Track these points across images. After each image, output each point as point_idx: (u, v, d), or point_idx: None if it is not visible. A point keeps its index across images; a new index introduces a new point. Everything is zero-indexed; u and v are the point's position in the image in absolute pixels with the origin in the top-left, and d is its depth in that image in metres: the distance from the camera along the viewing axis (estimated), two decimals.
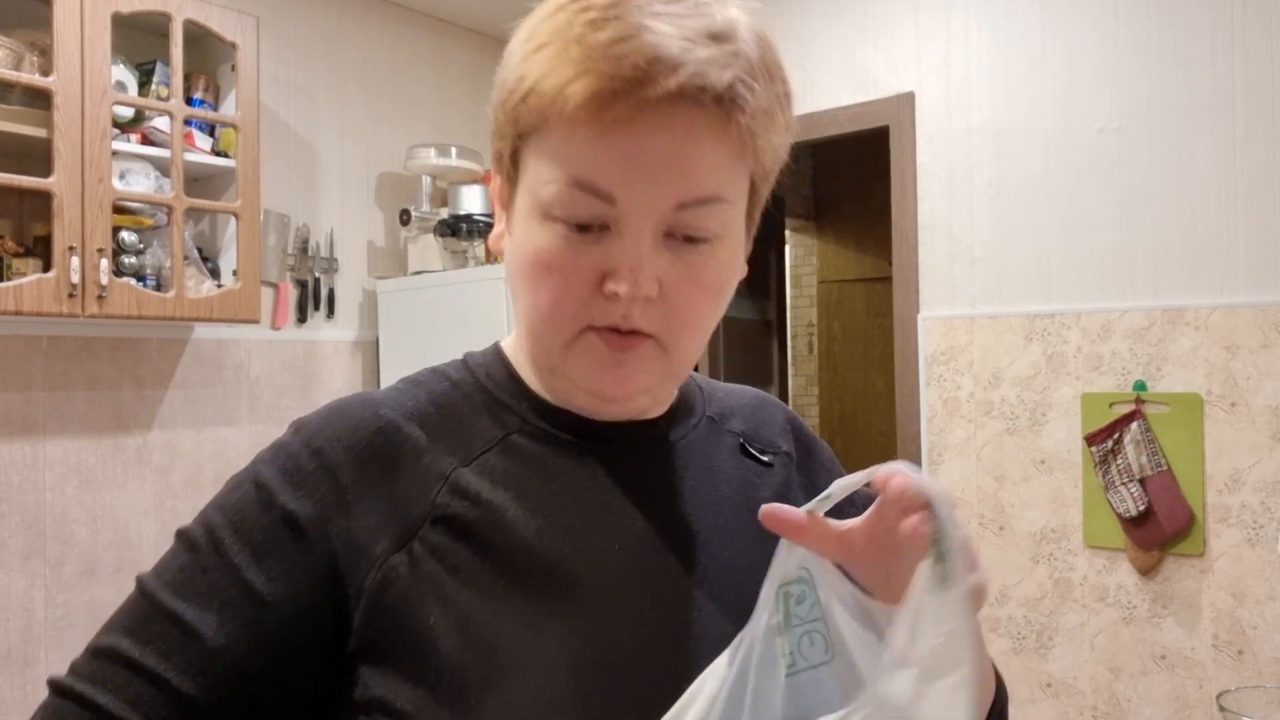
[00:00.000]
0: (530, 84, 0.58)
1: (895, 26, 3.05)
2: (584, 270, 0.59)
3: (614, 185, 0.57)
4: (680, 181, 0.58)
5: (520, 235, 0.62)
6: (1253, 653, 2.44)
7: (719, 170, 0.59)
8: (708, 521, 0.68)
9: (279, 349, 3.15)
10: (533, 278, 0.61)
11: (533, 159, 0.61)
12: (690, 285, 0.61)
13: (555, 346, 0.63)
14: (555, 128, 0.58)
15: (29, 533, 2.58)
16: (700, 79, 0.55)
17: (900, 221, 3.04)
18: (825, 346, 5.64)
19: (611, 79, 0.55)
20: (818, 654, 0.56)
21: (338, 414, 0.66)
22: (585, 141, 0.57)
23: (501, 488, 0.63)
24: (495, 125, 0.63)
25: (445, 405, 0.67)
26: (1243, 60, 2.47)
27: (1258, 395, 2.44)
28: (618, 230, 0.58)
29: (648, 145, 0.57)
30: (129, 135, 2.62)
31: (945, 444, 2.94)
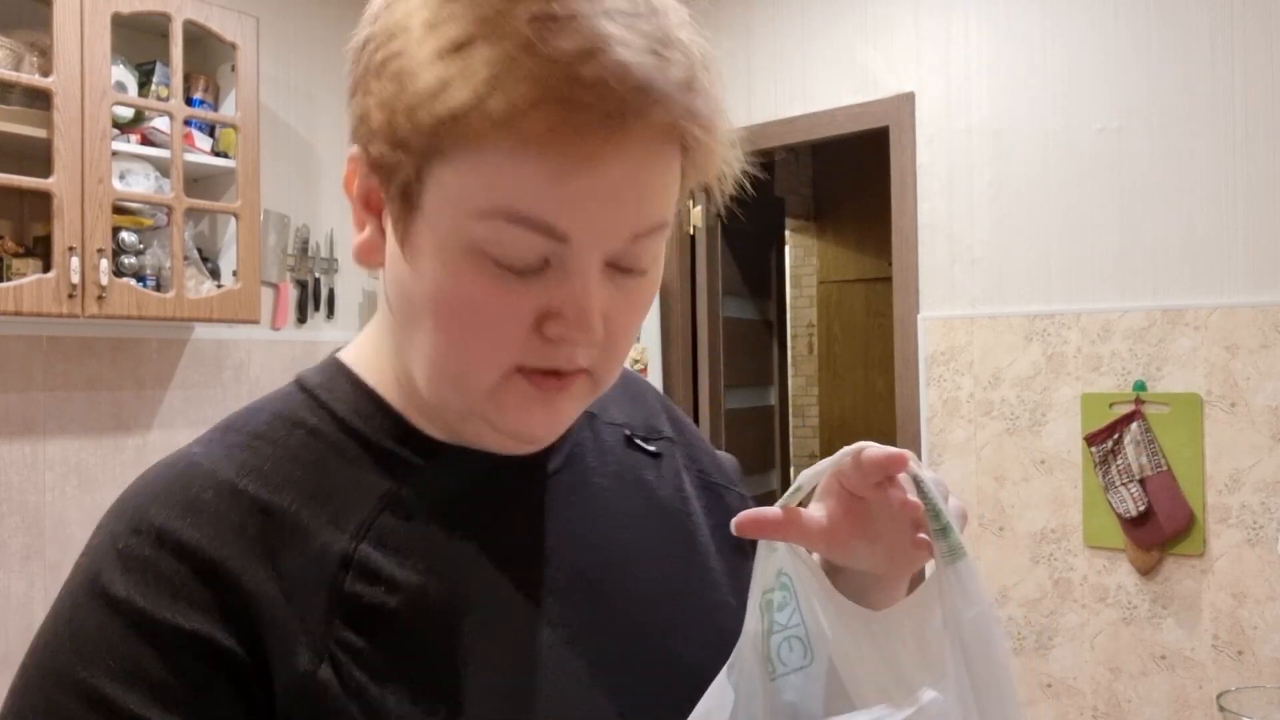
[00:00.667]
0: (464, 98, 0.45)
1: (895, 26, 3.05)
2: (519, 310, 0.50)
3: (569, 222, 0.48)
4: (636, 212, 0.49)
5: (430, 267, 0.50)
6: (1253, 653, 2.44)
7: (669, 194, 0.51)
8: (623, 539, 0.62)
9: (279, 349, 3.15)
10: (451, 318, 0.50)
11: (453, 183, 0.48)
12: (627, 316, 0.53)
13: (476, 391, 0.52)
14: (493, 153, 0.46)
15: (29, 533, 2.58)
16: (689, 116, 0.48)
17: (900, 222, 3.04)
18: (825, 347, 5.64)
19: (588, 110, 0.45)
20: (796, 659, 0.56)
21: (175, 490, 0.52)
22: (536, 175, 0.46)
23: (408, 559, 0.53)
24: (389, 131, 0.49)
25: (311, 462, 0.55)
26: (1243, 60, 2.47)
27: (1258, 395, 2.44)
28: (561, 267, 0.49)
29: (609, 176, 0.47)
30: (129, 136, 2.62)
31: (945, 444, 2.94)
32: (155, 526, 0.50)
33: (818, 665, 0.56)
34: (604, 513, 0.62)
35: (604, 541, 0.61)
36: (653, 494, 0.66)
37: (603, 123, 0.45)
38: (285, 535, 0.51)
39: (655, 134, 0.48)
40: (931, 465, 2.96)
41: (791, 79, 3.25)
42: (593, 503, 0.62)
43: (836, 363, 5.59)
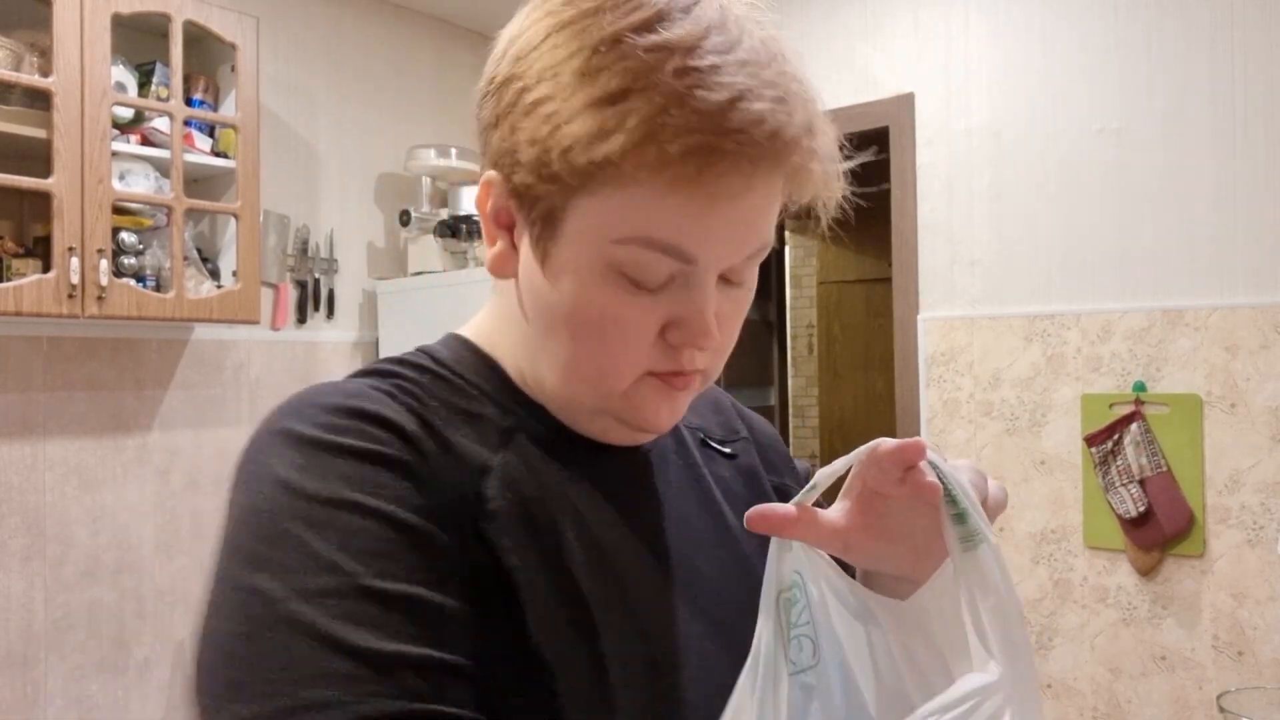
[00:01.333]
0: (620, 146, 0.51)
1: (895, 27, 3.05)
2: (649, 323, 0.57)
3: (700, 249, 0.55)
4: (755, 235, 0.57)
5: (570, 285, 0.57)
6: (1253, 653, 2.44)
7: (773, 215, 0.58)
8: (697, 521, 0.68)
9: (279, 350, 3.15)
10: (589, 331, 0.57)
11: (596, 211, 0.54)
12: (733, 319, 0.61)
13: (611, 394, 0.60)
14: (639, 189, 0.52)
15: (29, 534, 2.58)
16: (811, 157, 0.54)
17: (900, 223, 3.04)
18: (825, 347, 5.64)
19: (731, 157, 0.51)
20: (805, 658, 0.56)
21: (332, 393, 0.58)
22: (676, 205, 0.53)
23: (526, 486, 0.59)
24: (535, 164, 0.54)
25: (443, 397, 0.61)
26: (1243, 60, 2.47)
27: (1258, 396, 2.44)
28: (685, 283, 0.56)
29: (736, 206, 0.54)
30: (129, 136, 2.62)
31: (945, 445, 2.93)
32: (319, 412, 0.55)
33: (825, 665, 0.56)
34: (680, 499, 0.68)
35: (681, 519, 0.67)
36: (727, 487, 0.72)
37: (741, 167, 0.52)
38: (435, 437, 0.57)
39: (780, 172, 0.55)
40: None
41: None
42: (673, 486, 0.68)
43: (836, 363, 5.59)
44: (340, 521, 0.51)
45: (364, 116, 3.40)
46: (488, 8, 3.49)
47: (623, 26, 0.52)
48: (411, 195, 3.42)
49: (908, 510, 0.56)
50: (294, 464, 0.53)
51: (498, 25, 0.67)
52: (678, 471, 0.70)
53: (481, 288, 2.99)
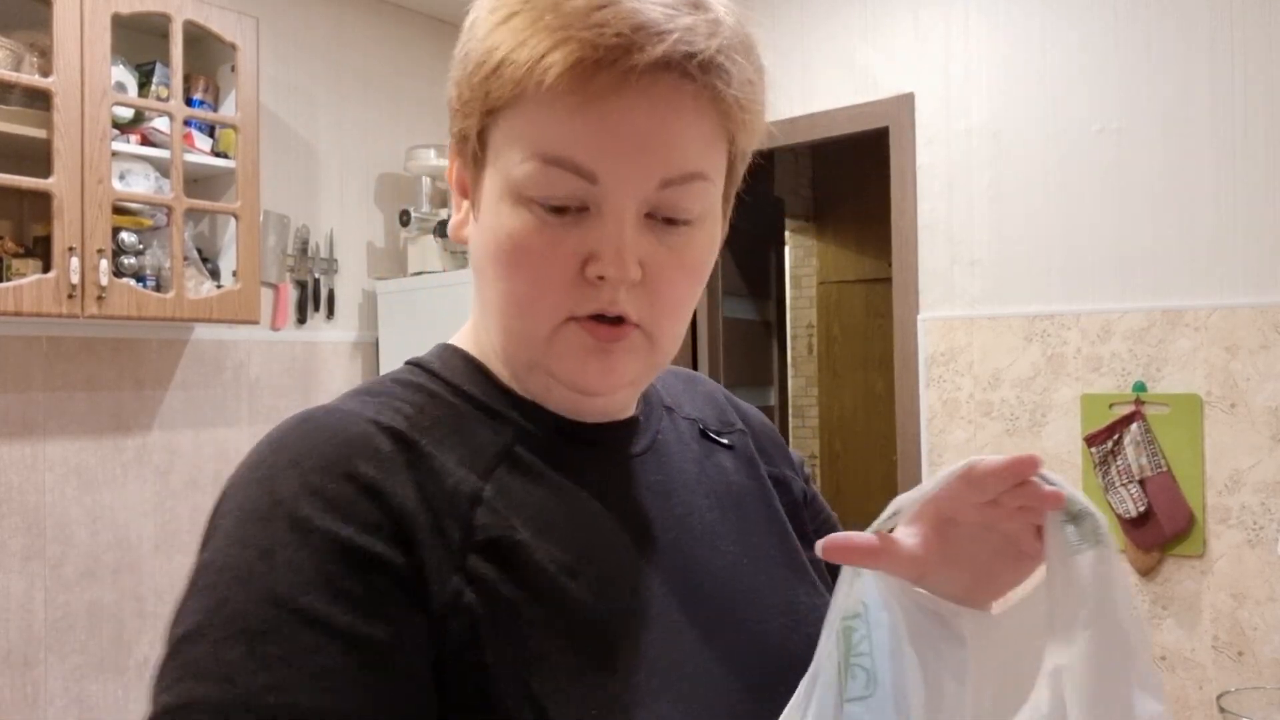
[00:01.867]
0: (502, 55, 0.54)
1: (895, 26, 3.05)
2: (563, 255, 0.55)
3: (595, 161, 0.54)
4: (664, 157, 0.55)
5: (490, 220, 0.58)
6: (1253, 654, 2.44)
7: (702, 146, 0.56)
8: (703, 516, 0.66)
9: (279, 350, 3.15)
10: (507, 265, 0.57)
11: (504, 137, 0.56)
12: (673, 269, 0.58)
13: (536, 339, 0.58)
14: (530, 102, 0.54)
15: (29, 534, 2.58)
16: (686, 46, 0.52)
17: (900, 222, 3.04)
18: (825, 347, 5.64)
19: (594, 47, 0.51)
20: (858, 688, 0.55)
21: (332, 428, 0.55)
22: (564, 115, 0.53)
23: (525, 503, 0.57)
24: (459, 103, 0.58)
25: (435, 419, 0.59)
26: (1243, 60, 2.47)
27: (1258, 396, 2.44)
28: (598, 211, 0.55)
29: (631, 118, 0.53)
30: (129, 136, 2.62)
31: (945, 445, 2.94)
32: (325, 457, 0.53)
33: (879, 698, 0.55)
34: (683, 492, 0.66)
35: (685, 516, 0.65)
36: (729, 478, 0.71)
37: (609, 59, 0.51)
38: (425, 468, 0.55)
39: (675, 75, 0.53)
40: (932, 466, 2.96)
41: (791, 79, 3.25)
42: (675, 482, 0.66)
43: (836, 363, 5.59)
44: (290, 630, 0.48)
45: (364, 116, 3.40)
46: None
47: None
48: (411, 195, 3.42)
49: (975, 536, 0.55)
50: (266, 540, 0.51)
51: None
52: (682, 464, 0.68)
53: None
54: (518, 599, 0.53)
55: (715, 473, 0.70)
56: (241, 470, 0.55)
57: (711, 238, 0.60)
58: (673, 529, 0.63)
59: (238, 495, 0.53)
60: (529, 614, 0.53)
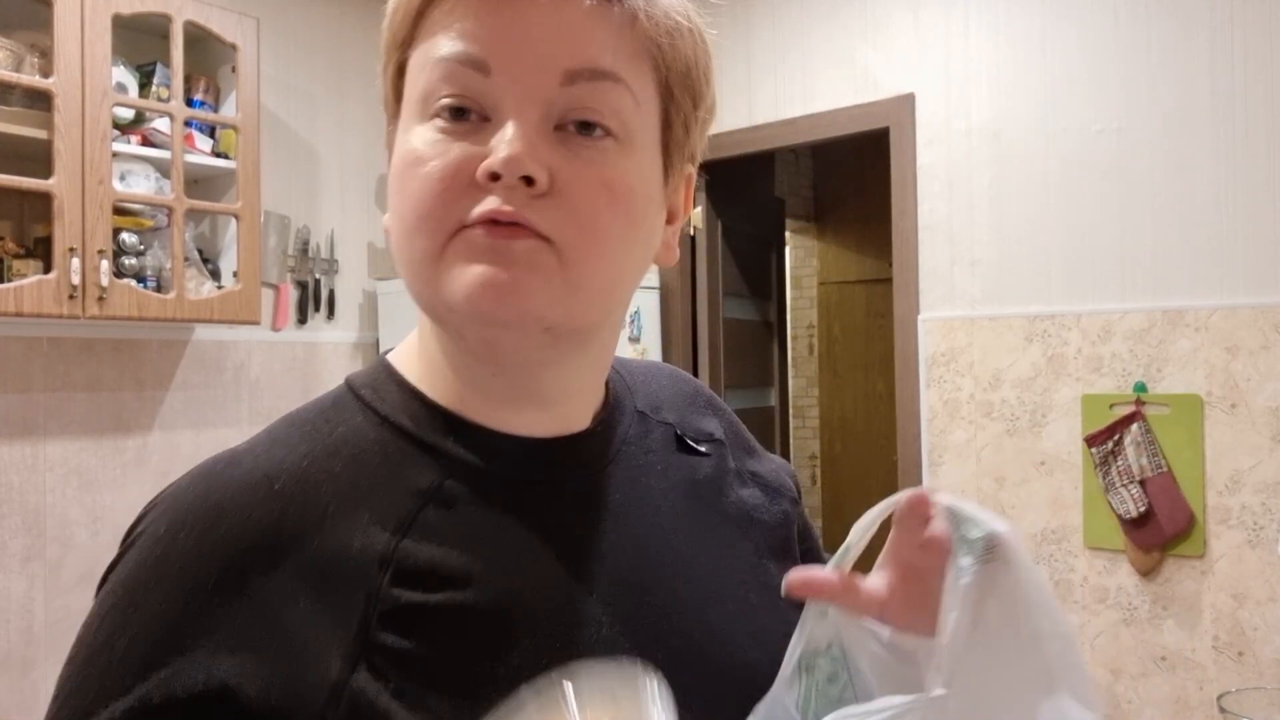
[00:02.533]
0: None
1: (895, 27, 3.05)
2: (456, 161, 0.50)
3: (488, 52, 0.50)
4: (565, 46, 0.50)
5: (399, 146, 0.54)
6: (1253, 654, 2.44)
7: (612, 47, 0.51)
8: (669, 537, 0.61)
9: (279, 350, 3.15)
10: (400, 181, 0.52)
11: (414, 65, 0.54)
12: (589, 182, 0.51)
13: (426, 256, 0.51)
14: (431, 23, 0.52)
15: (29, 534, 2.58)
16: None
17: (900, 223, 3.04)
18: (825, 348, 5.64)
19: None
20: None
21: (213, 493, 0.52)
22: (458, 16, 0.51)
23: (452, 552, 0.52)
24: (383, 59, 0.56)
25: (352, 459, 0.54)
26: (1243, 60, 2.47)
27: (1258, 396, 2.44)
28: (497, 114, 0.50)
29: (529, 9, 0.50)
30: (129, 137, 2.63)
31: (945, 445, 2.93)
32: (190, 523, 0.50)
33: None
34: (650, 510, 0.61)
35: (650, 538, 0.60)
36: (700, 495, 0.65)
37: None
38: (322, 538, 0.50)
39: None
40: (932, 466, 2.96)
41: (791, 80, 3.25)
42: (639, 500, 0.61)
43: (837, 364, 5.59)
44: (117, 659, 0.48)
45: (364, 117, 3.40)
46: None
47: None
48: None
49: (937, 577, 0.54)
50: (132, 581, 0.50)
51: None
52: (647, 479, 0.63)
53: None
54: (429, 672, 0.49)
55: (686, 487, 0.64)
56: (133, 535, 0.53)
57: (640, 164, 0.54)
58: (629, 557, 0.58)
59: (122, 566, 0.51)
60: (443, 687, 0.48)
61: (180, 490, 0.53)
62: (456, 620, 0.50)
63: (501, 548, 0.53)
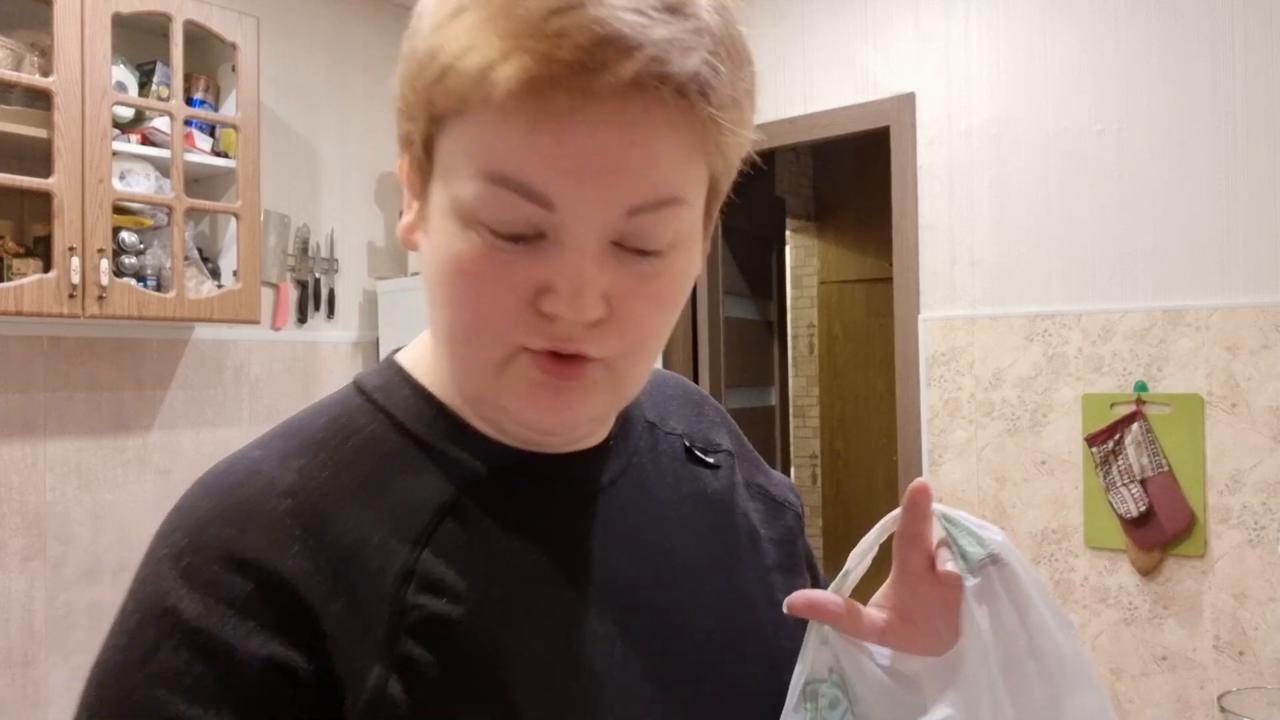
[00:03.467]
0: (447, 59, 0.46)
1: (895, 26, 3.05)
2: (515, 282, 0.48)
3: (551, 188, 0.46)
4: (632, 183, 0.47)
5: (438, 238, 0.51)
6: (1254, 654, 2.44)
7: (677, 168, 0.49)
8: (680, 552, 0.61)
9: (279, 350, 3.15)
10: (452, 291, 0.50)
11: (450, 149, 0.49)
12: (643, 301, 0.50)
13: (484, 370, 0.51)
14: (478, 115, 0.47)
15: (30, 533, 2.58)
16: (660, 65, 0.45)
17: (901, 222, 3.04)
18: (826, 347, 5.64)
19: (550, 62, 0.44)
20: None
21: (236, 500, 0.51)
22: (516, 134, 0.46)
23: (470, 568, 0.52)
24: (404, 104, 0.53)
25: (370, 471, 0.54)
26: (1243, 60, 2.47)
27: (1259, 396, 2.44)
28: (556, 239, 0.48)
29: (593, 141, 0.46)
30: (129, 136, 2.62)
31: (946, 445, 2.93)
32: (219, 542, 0.49)
33: None
34: (660, 525, 0.61)
35: (660, 554, 0.60)
36: (710, 507, 0.65)
37: (570, 76, 0.44)
38: (347, 548, 0.50)
39: (647, 97, 0.45)
40: (932, 466, 2.96)
41: (791, 79, 3.25)
42: (649, 515, 0.61)
43: (837, 363, 5.59)
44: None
45: (364, 116, 3.40)
46: None
47: None
48: None
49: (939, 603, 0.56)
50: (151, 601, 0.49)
51: None
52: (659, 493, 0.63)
53: None
54: (451, 686, 0.49)
55: (696, 500, 0.64)
56: (153, 542, 0.52)
57: (688, 263, 0.53)
58: (640, 573, 0.58)
59: (141, 576, 0.51)
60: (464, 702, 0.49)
61: (197, 504, 0.53)
62: (475, 632, 0.51)
63: (515, 563, 0.54)
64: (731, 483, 0.68)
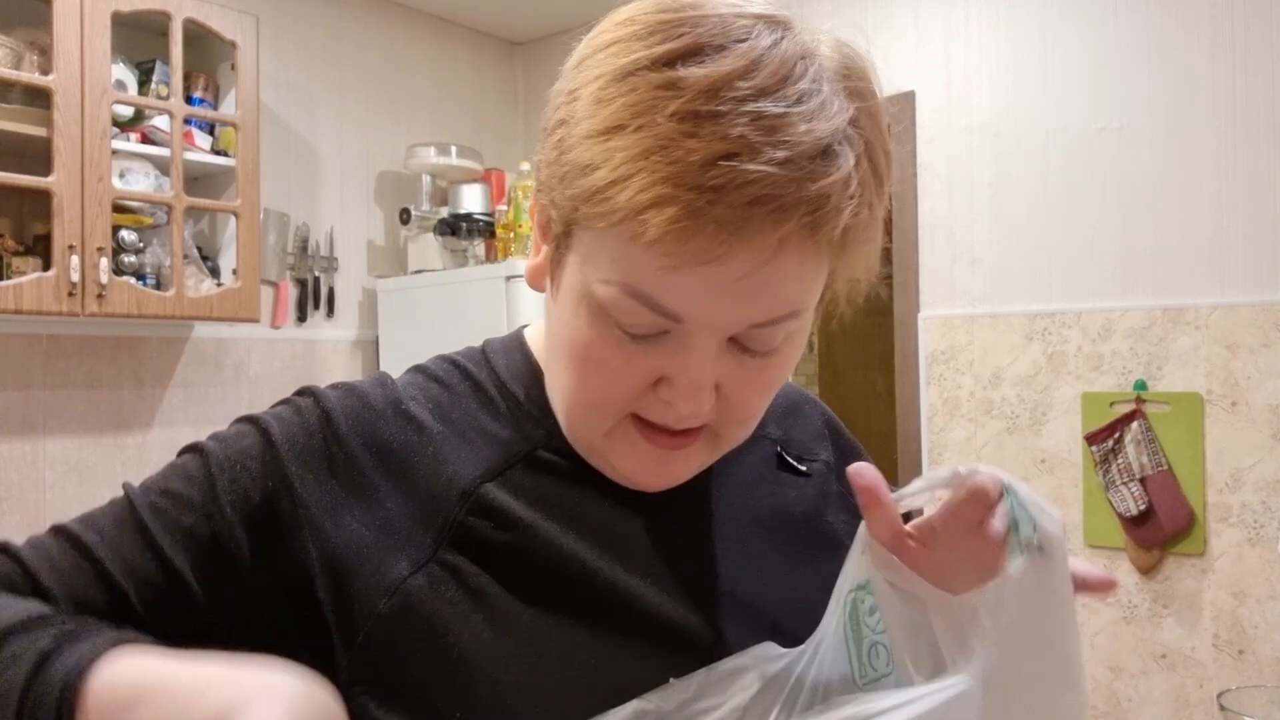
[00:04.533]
0: (598, 183, 0.48)
1: (895, 25, 3.04)
2: (636, 370, 0.53)
3: (683, 306, 0.50)
4: (758, 303, 0.50)
5: (567, 314, 0.55)
6: (1253, 652, 2.44)
7: (801, 285, 0.51)
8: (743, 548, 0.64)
9: (279, 348, 3.15)
10: (580, 368, 0.55)
11: (592, 245, 0.52)
12: (751, 389, 0.55)
13: (595, 433, 0.57)
14: (621, 231, 0.49)
15: (29, 531, 2.57)
16: (809, 230, 0.48)
17: (900, 221, 3.04)
18: (825, 346, 5.64)
19: (703, 217, 0.46)
20: (881, 665, 0.57)
21: (359, 399, 0.61)
22: (659, 267, 0.48)
23: (532, 509, 0.58)
24: (545, 188, 0.55)
25: (468, 407, 0.63)
26: (1243, 60, 2.47)
27: (1258, 395, 2.44)
28: (680, 337, 0.51)
29: (725, 272, 0.48)
30: (129, 134, 2.62)
31: (945, 444, 2.93)
32: (327, 407, 0.60)
33: (897, 675, 0.57)
34: (725, 517, 0.65)
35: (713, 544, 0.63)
36: (786, 510, 0.67)
37: (718, 230, 0.46)
38: (426, 457, 0.59)
39: (788, 229, 0.48)
40: (932, 465, 2.96)
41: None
42: (724, 502, 0.65)
43: (836, 362, 5.59)
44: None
45: (364, 114, 3.40)
46: (488, 7, 3.48)
47: (646, 56, 0.48)
48: (411, 193, 3.41)
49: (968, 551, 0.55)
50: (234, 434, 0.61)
51: (497, 23, 0.68)
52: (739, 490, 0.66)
53: (480, 286, 3.00)
54: (479, 597, 0.56)
55: (771, 500, 0.67)
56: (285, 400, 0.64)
57: (796, 352, 0.57)
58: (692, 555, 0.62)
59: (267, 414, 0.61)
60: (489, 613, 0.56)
61: (331, 389, 0.62)
62: (514, 560, 0.57)
63: (572, 517, 0.59)
64: (823, 492, 0.70)
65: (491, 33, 3.71)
